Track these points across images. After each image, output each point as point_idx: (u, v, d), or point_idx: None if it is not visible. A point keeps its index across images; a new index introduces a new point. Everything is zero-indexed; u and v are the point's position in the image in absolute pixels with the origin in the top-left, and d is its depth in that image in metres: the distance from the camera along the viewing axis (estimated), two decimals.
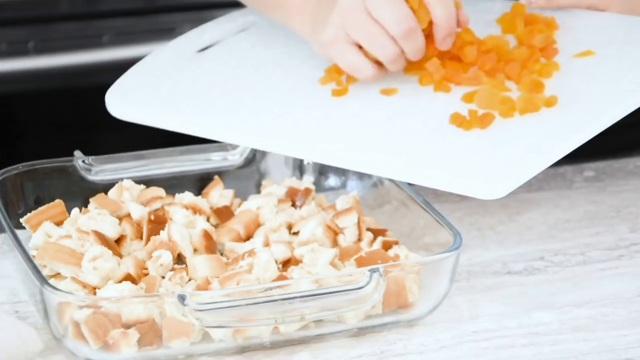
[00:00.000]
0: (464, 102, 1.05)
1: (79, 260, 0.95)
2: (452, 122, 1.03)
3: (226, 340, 0.91)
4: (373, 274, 0.91)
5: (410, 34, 1.04)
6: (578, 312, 0.98)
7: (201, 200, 1.05)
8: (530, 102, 1.03)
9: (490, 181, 0.96)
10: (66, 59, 2.00)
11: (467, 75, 1.08)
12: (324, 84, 1.09)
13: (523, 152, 0.98)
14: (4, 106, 2.03)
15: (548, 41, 1.10)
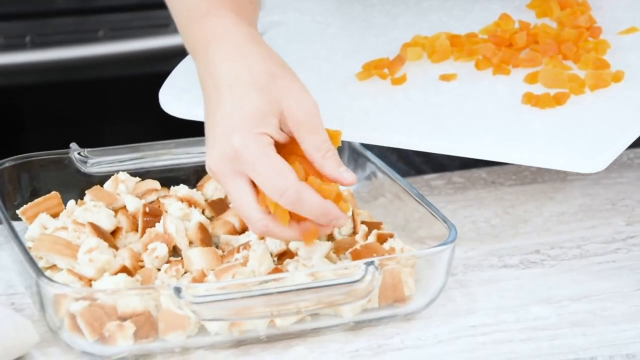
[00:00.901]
0: (527, 83, 1.08)
1: (74, 252, 0.95)
2: (525, 102, 1.05)
3: (222, 334, 0.91)
4: (369, 267, 0.91)
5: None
6: (576, 307, 0.98)
7: (196, 193, 1.05)
8: (600, 78, 1.06)
9: (588, 155, 0.98)
10: (62, 53, 2.00)
11: (525, 57, 1.10)
12: (362, 80, 1.10)
13: (609, 126, 1.01)
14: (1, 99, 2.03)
15: (592, 21, 1.13)
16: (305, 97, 0.93)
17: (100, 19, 2.03)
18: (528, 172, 1.20)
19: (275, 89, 0.93)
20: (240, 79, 0.93)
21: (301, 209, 0.91)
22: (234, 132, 0.91)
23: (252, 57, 0.94)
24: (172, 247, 0.98)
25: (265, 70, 0.93)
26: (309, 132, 0.92)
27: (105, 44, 2.03)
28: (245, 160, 0.90)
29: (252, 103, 0.92)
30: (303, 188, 0.90)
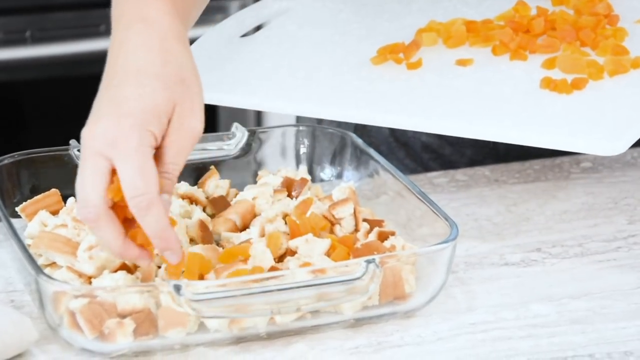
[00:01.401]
0: (545, 69, 1.09)
1: (74, 250, 0.95)
2: (544, 87, 1.06)
3: (222, 331, 0.91)
4: (369, 265, 0.90)
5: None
6: (576, 304, 0.98)
7: (197, 190, 1.05)
8: (619, 64, 1.07)
9: (609, 138, 0.99)
10: (63, 48, 2.00)
11: (542, 43, 1.10)
12: (377, 64, 1.10)
13: (630, 110, 1.02)
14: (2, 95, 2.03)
15: (609, 9, 1.15)
16: (198, 117, 0.90)
17: (102, 13, 2.03)
18: (531, 171, 1.20)
19: (178, 93, 0.90)
20: (152, 68, 0.90)
21: (145, 219, 0.87)
22: (122, 118, 0.88)
23: (172, 54, 0.91)
24: None
25: (178, 71, 0.91)
26: (171, 145, 0.89)
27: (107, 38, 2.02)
28: (120, 150, 0.87)
29: (153, 96, 0.89)
30: (157, 202, 0.87)
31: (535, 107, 1.04)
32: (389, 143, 1.28)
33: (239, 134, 1.11)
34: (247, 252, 0.95)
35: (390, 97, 1.06)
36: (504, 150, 1.24)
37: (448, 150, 1.26)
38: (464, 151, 1.26)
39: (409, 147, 1.27)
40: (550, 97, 1.05)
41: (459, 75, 1.10)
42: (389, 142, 1.27)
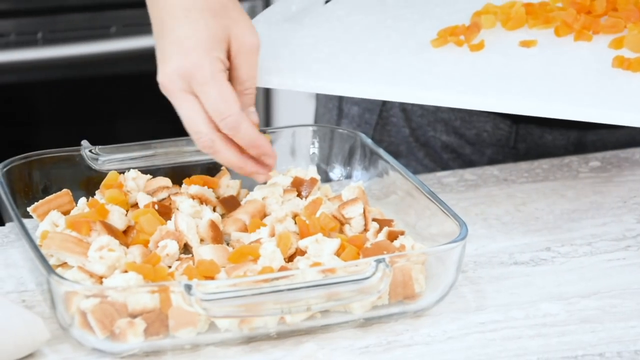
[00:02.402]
0: (613, 49, 1.09)
1: (85, 250, 0.95)
2: (616, 66, 1.05)
3: (232, 330, 0.91)
4: (379, 264, 0.91)
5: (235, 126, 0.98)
6: (585, 303, 0.98)
7: (207, 191, 1.05)
8: None
9: None
10: (74, 49, 2.01)
11: (606, 23, 1.11)
12: (437, 47, 1.11)
13: None
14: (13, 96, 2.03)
15: None
16: (252, 32, 1.00)
17: (112, 15, 2.04)
18: (540, 170, 1.20)
19: (227, 18, 0.98)
20: (196, 4, 0.98)
21: (237, 135, 0.97)
22: (190, 52, 0.97)
23: None
24: (182, 245, 0.98)
25: (220, 1, 0.99)
26: (244, 62, 0.99)
27: (117, 40, 2.03)
28: (197, 81, 0.96)
29: (207, 27, 0.97)
30: (243, 118, 0.97)
31: (611, 85, 1.03)
32: (408, 143, 1.28)
33: None
34: (257, 252, 0.95)
35: (458, 78, 1.05)
36: (524, 149, 1.24)
37: (468, 149, 1.26)
38: (484, 151, 1.26)
39: (429, 147, 1.27)
40: (624, 75, 1.04)
41: (524, 56, 1.09)
42: (408, 142, 1.28)
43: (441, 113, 1.26)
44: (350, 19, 1.16)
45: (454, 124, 1.26)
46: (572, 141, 1.26)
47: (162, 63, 0.98)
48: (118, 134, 2.06)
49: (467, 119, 1.25)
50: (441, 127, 1.26)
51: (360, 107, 1.30)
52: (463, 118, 1.25)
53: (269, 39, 1.11)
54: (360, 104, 1.30)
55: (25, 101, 2.05)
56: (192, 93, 0.97)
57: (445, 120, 1.26)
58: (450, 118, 1.26)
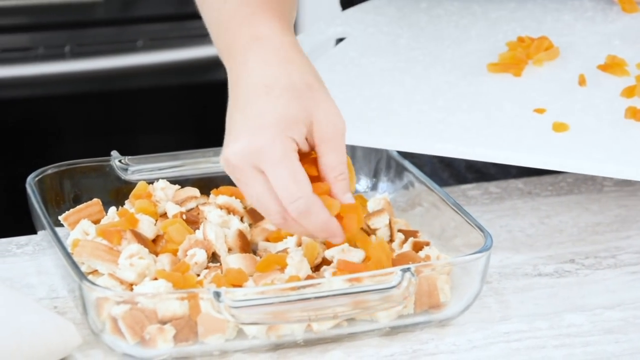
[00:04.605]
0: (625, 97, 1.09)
1: (115, 258, 0.96)
2: (629, 117, 1.06)
3: (260, 338, 0.92)
4: (405, 274, 0.92)
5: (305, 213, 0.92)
6: (609, 314, 0.98)
7: (235, 201, 1.06)
8: None
9: None
10: (101, 63, 2.02)
11: None
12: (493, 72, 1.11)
13: None
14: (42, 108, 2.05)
15: None
16: (337, 115, 0.94)
17: (139, 29, 2.05)
18: (564, 184, 1.21)
19: (310, 99, 0.93)
20: (279, 81, 0.93)
21: (306, 220, 0.91)
22: (263, 129, 0.91)
23: (293, 63, 0.94)
24: (211, 254, 1.00)
25: (304, 79, 0.94)
26: (331, 149, 0.93)
27: (144, 54, 2.05)
28: (267, 160, 0.90)
29: (286, 106, 0.92)
30: (314, 201, 0.91)
31: (625, 138, 1.03)
32: (432, 164, 1.28)
33: None
34: (284, 261, 0.96)
35: (471, 128, 1.05)
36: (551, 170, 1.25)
37: (493, 170, 1.27)
38: (510, 170, 1.26)
39: (453, 167, 1.28)
40: (637, 127, 1.04)
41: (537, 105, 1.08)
42: (432, 163, 1.28)
43: None
44: (362, 61, 1.15)
45: None
46: None
47: (231, 139, 0.92)
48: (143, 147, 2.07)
49: None
50: None
51: None
52: None
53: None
54: None
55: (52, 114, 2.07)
56: (260, 172, 0.91)
57: None
58: None
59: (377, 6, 1.26)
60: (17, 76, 2.00)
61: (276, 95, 0.92)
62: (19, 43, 2.00)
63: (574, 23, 1.22)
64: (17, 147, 2.04)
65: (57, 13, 2.01)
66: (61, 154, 2.06)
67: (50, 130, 2.07)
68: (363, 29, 1.21)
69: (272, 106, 0.92)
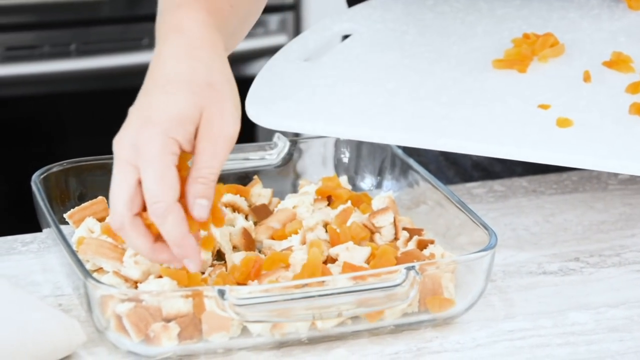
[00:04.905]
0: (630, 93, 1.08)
1: (120, 255, 0.97)
2: (634, 113, 1.05)
3: (264, 335, 0.92)
4: (409, 272, 0.92)
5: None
6: (614, 313, 0.99)
7: (240, 199, 1.07)
8: None
9: None
10: (107, 61, 2.03)
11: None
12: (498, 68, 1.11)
13: None
14: (47, 106, 2.06)
15: None
16: (228, 120, 0.91)
17: (144, 27, 2.06)
18: (569, 182, 1.21)
19: (207, 98, 0.91)
20: (180, 76, 0.91)
21: (162, 226, 0.89)
22: (147, 126, 0.89)
23: (201, 60, 0.92)
24: (215, 252, 1.00)
25: (208, 77, 0.92)
26: (206, 150, 0.90)
27: (149, 52, 2.04)
28: (142, 157, 0.89)
29: (177, 104, 0.90)
30: (175, 210, 0.89)
31: (628, 134, 1.03)
32: (438, 162, 1.28)
33: (281, 144, 1.13)
34: (289, 259, 0.97)
35: (476, 124, 1.05)
36: (555, 166, 1.25)
37: (498, 167, 1.27)
38: (515, 168, 1.26)
39: (459, 165, 1.28)
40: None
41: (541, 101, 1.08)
42: (438, 161, 1.28)
43: None
44: (368, 57, 1.15)
45: None
46: None
47: (125, 126, 0.92)
48: None
49: None
50: None
51: None
52: None
53: (289, 79, 1.11)
54: None
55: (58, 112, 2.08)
56: (135, 167, 0.89)
57: None
58: None
59: (384, 3, 1.26)
60: (23, 74, 2.00)
61: (172, 91, 0.91)
62: (24, 41, 2.00)
63: (579, 20, 1.22)
64: (23, 145, 2.04)
65: (62, 11, 2.01)
66: (67, 151, 2.06)
67: (56, 128, 2.08)
68: (369, 26, 1.21)
69: (163, 102, 0.90)
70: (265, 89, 1.10)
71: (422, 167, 1.09)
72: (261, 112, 1.06)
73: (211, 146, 0.90)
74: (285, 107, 1.06)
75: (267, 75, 1.11)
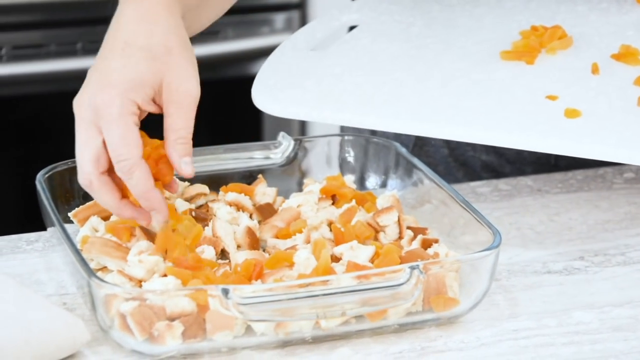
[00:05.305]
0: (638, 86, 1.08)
1: (124, 254, 0.97)
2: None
3: (268, 334, 0.92)
4: (413, 271, 0.92)
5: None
6: (618, 312, 0.98)
7: (244, 198, 1.07)
8: None
9: None
10: None
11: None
12: (506, 59, 1.11)
13: None
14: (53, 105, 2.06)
15: None
16: (191, 82, 0.96)
17: None
18: (574, 181, 1.21)
19: (164, 63, 0.95)
20: (137, 41, 0.95)
21: (129, 182, 0.94)
22: (106, 88, 0.94)
23: (159, 24, 0.96)
24: (219, 250, 1.00)
25: (165, 42, 0.96)
26: (176, 112, 0.95)
27: None
28: (103, 118, 0.93)
29: (136, 67, 0.94)
30: (140, 166, 0.94)
31: (636, 124, 1.03)
32: (447, 163, 1.28)
33: (285, 143, 1.13)
34: (293, 258, 0.97)
35: (483, 113, 1.05)
36: (565, 167, 1.25)
37: (508, 168, 1.26)
38: (525, 169, 1.26)
39: (468, 166, 1.28)
40: None
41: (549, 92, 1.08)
42: (447, 162, 1.28)
43: None
44: (374, 48, 1.16)
45: None
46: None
47: (84, 86, 0.95)
48: None
49: None
50: (480, 146, 1.26)
51: None
52: None
53: (296, 68, 1.12)
54: None
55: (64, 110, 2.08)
56: (97, 127, 0.94)
57: None
58: None
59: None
60: (29, 73, 2.00)
61: (129, 55, 0.94)
62: (30, 40, 2.00)
63: (588, 14, 1.22)
64: (29, 144, 2.05)
65: (68, 10, 2.01)
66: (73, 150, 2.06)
67: (62, 127, 2.08)
68: (376, 17, 1.22)
69: (121, 65, 0.94)
70: (271, 77, 1.10)
71: (431, 168, 1.09)
72: (267, 100, 1.07)
73: (181, 108, 0.95)
74: (291, 95, 1.06)
75: (273, 64, 1.12)
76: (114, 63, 0.94)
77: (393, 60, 1.14)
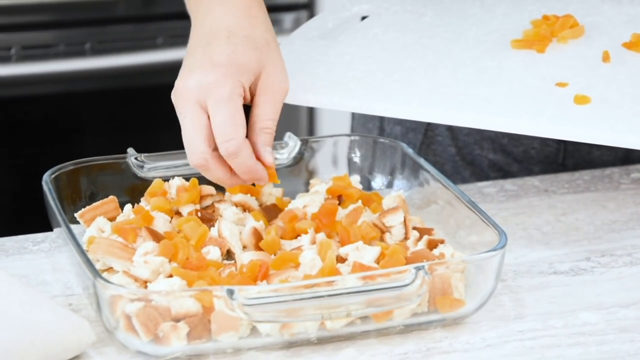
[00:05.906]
0: None
1: (130, 255, 0.97)
2: None
3: (273, 335, 0.92)
4: (418, 272, 0.92)
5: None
6: (625, 313, 0.98)
7: (250, 198, 1.07)
8: None
9: None
10: (122, 60, 2.03)
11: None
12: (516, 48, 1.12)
13: None
14: (62, 105, 2.06)
15: None
16: (284, 75, 1.00)
17: (159, 26, 2.06)
18: (581, 181, 1.20)
19: (265, 54, 0.99)
20: (242, 30, 0.99)
21: (234, 162, 0.97)
22: (217, 67, 0.96)
23: (259, 19, 1.00)
24: (225, 251, 1.00)
25: (264, 35, 1.00)
26: (267, 102, 0.98)
27: (164, 51, 2.05)
28: (213, 96, 0.96)
29: (244, 54, 0.98)
30: (245, 146, 0.97)
31: None
32: (454, 162, 1.28)
33: (292, 143, 1.13)
34: (298, 259, 0.96)
35: (494, 100, 1.05)
36: (572, 166, 1.25)
37: (515, 167, 1.26)
38: (532, 168, 1.26)
39: (475, 165, 1.27)
40: None
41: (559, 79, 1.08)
42: (454, 161, 1.28)
43: (488, 131, 1.26)
44: (386, 37, 1.16)
45: (501, 141, 1.26)
46: (619, 157, 1.26)
47: (186, 72, 0.97)
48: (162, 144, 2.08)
49: (515, 136, 1.25)
50: (488, 145, 1.26)
51: (403, 127, 1.30)
52: (510, 136, 1.25)
53: (306, 56, 1.12)
54: (403, 123, 1.30)
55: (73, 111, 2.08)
56: (203, 108, 0.96)
57: (492, 139, 1.26)
58: (497, 136, 1.26)
59: None
60: (38, 73, 2.01)
61: (235, 42, 0.98)
62: (40, 40, 2.01)
63: (600, 4, 1.21)
64: (38, 144, 2.05)
65: (77, 10, 2.02)
66: (81, 150, 2.07)
67: (71, 127, 2.08)
68: (387, 7, 1.22)
69: (230, 49, 0.97)
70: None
71: (438, 167, 1.09)
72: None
73: (272, 98, 0.99)
74: (301, 81, 1.06)
75: (284, 51, 1.12)
76: (220, 48, 0.97)
77: (404, 49, 1.14)
